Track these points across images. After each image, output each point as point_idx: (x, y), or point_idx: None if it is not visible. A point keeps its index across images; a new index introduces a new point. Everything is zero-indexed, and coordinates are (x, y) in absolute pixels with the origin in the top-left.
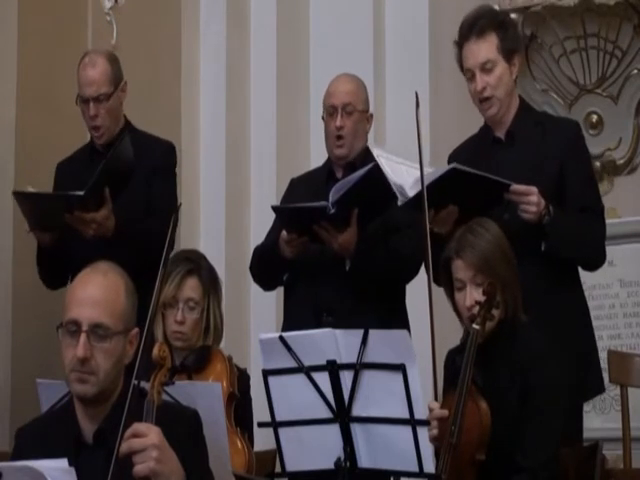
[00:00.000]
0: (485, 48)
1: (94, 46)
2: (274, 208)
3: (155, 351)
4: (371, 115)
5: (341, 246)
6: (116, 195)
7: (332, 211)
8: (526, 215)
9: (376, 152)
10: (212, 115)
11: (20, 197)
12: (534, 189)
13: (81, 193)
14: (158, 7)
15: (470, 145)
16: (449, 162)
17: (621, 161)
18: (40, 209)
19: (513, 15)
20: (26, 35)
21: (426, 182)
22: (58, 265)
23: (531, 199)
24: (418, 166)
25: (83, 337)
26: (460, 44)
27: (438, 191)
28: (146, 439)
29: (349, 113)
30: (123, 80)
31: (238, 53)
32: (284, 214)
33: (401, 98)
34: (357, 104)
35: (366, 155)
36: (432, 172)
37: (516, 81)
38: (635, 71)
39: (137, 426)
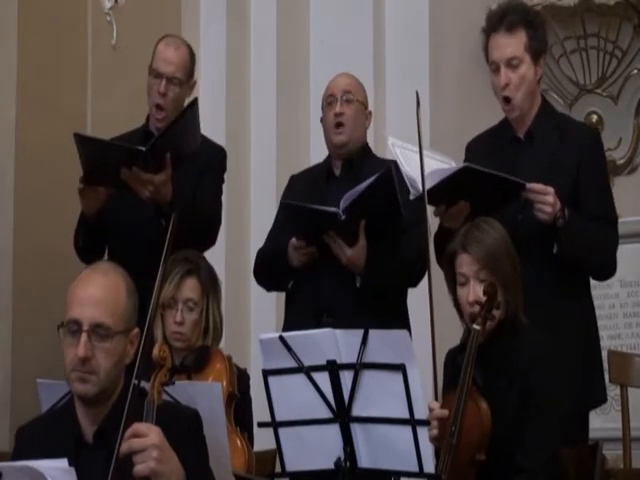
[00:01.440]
0: (513, 44)
1: (94, 46)
2: (283, 204)
3: (155, 351)
4: (370, 112)
5: (350, 261)
6: (175, 165)
7: (343, 217)
8: (541, 215)
9: (391, 141)
10: (212, 115)
11: (80, 140)
12: (551, 189)
13: (142, 148)
14: (158, 7)
15: (489, 139)
16: (467, 152)
17: (621, 161)
18: (99, 158)
19: None
20: (26, 35)
21: (439, 178)
22: (96, 238)
23: (547, 199)
24: (434, 155)
25: (84, 337)
26: (488, 34)
27: (450, 187)
28: (146, 439)
29: (349, 101)
30: (194, 79)
31: (238, 53)
32: (290, 211)
33: (401, 98)
34: (357, 94)
35: (365, 153)
36: (446, 169)
37: (539, 82)
38: (635, 71)
39: (137, 426)
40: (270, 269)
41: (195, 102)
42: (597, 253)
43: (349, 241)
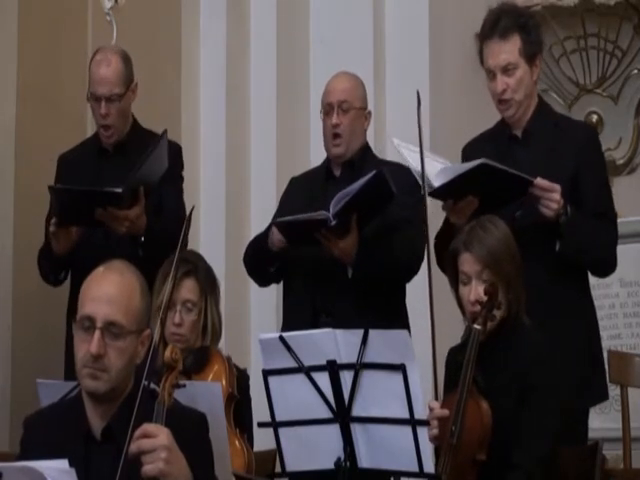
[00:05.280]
0: (507, 50)
1: (94, 46)
2: (276, 224)
3: (167, 353)
4: (369, 113)
5: (342, 252)
6: (147, 194)
7: (333, 223)
8: (546, 211)
9: (396, 142)
10: (212, 115)
11: (55, 192)
12: (558, 187)
13: (119, 190)
14: (158, 7)
15: (486, 140)
16: (463, 154)
17: (621, 161)
18: (73, 203)
19: None
20: (26, 35)
21: (454, 174)
22: (61, 264)
23: (554, 196)
24: (436, 157)
25: (97, 334)
26: (482, 40)
27: (463, 183)
28: (156, 440)
29: (345, 111)
30: (134, 81)
31: (238, 53)
32: (286, 229)
33: (401, 97)
34: (354, 101)
35: (364, 153)
36: (461, 165)
37: (536, 82)
38: (635, 71)
39: (147, 427)
40: (250, 253)
41: (164, 134)
42: (598, 250)
43: (340, 235)
